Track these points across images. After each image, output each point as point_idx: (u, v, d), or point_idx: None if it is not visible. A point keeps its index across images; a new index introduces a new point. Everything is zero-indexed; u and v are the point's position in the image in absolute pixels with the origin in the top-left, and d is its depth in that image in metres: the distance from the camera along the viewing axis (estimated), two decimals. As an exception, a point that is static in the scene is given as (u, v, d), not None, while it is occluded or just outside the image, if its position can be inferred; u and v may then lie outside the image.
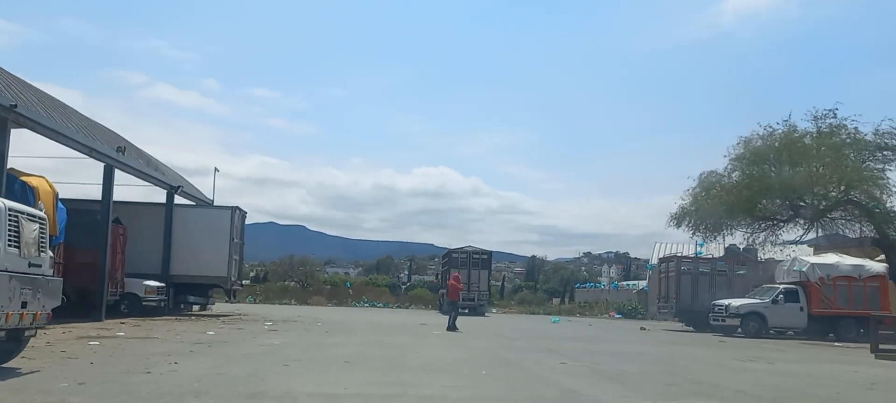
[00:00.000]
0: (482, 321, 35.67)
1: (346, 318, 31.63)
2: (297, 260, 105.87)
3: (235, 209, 29.14)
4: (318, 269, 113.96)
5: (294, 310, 40.19)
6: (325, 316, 32.80)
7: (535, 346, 19.20)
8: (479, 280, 42.51)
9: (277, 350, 14.72)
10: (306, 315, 33.49)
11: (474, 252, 42.93)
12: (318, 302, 55.87)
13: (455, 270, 41.79)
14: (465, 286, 41.74)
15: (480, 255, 42.86)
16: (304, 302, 55.84)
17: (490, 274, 44.66)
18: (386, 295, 63.96)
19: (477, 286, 42.32)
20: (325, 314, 36.57)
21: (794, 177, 31.15)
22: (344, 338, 19.05)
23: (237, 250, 29.48)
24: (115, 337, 16.43)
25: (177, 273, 28.24)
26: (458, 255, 42.81)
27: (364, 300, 57.75)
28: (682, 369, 14.07)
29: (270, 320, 26.87)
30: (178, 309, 29.16)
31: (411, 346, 17.31)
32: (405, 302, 58.72)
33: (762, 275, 32.09)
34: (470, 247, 43.33)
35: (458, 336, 21.76)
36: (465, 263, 42.44)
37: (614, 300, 65.30)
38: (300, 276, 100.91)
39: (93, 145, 21.45)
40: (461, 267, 42.41)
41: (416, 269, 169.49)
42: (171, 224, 28.24)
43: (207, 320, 25.47)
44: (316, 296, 58.33)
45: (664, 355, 17.97)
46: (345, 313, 40.23)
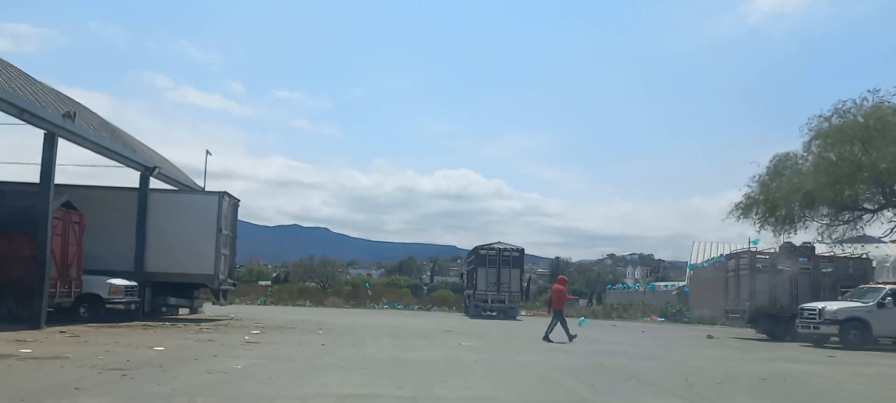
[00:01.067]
0: (516, 326, 30.12)
1: (358, 323, 26.22)
2: (317, 260, 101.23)
3: (224, 195, 23.78)
4: (340, 270, 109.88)
5: (304, 313, 34.85)
6: (335, 320, 27.44)
7: (604, 365, 13.65)
8: (509, 280, 36.89)
9: (230, 382, 9.33)
10: (314, 318, 28.15)
11: (505, 249, 37.31)
12: (335, 303, 50.59)
13: (484, 268, 36.58)
14: (495, 286, 36.21)
15: (511, 253, 37.23)
16: (320, 303, 50.71)
17: (522, 273, 39.01)
18: (407, 296, 58.47)
19: (507, 286, 36.74)
20: (337, 317, 31.21)
21: (890, 158, 25.38)
22: (343, 354, 13.60)
23: (227, 243, 24.14)
24: (9, 358, 11.10)
25: (154, 270, 22.97)
26: (486, 253, 37.22)
27: (383, 301, 52.36)
28: None
29: (261, 326, 21.55)
30: (159, 312, 23.92)
31: (437, 368, 11.85)
32: (427, 304, 53.22)
33: (853, 274, 26.21)
34: (500, 244, 37.72)
35: (495, 349, 16.22)
36: (494, 261, 36.86)
37: (649, 302, 59.53)
38: (321, 277, 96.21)
39: (26, 107, 16.16)
40: (489, 265, 36.86)
41: (439, 270, 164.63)
42: (145, 211, 22.97)
43: (185, 327, 20.11)
44: (333, 297, 53.02)
45: (797, 378, 12.29)
46: (360, 316, 34.86)
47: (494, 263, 36.84)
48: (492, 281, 36.75)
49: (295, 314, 33.50)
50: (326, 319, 28.42)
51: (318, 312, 38.02)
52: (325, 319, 28.18)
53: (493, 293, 36.67)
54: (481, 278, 36.80)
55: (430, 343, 17.24)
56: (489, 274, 36.78)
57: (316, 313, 36.30)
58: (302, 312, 36.79)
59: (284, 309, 40.49)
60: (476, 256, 37.41)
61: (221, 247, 23.47)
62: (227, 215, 24.03)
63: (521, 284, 37.93)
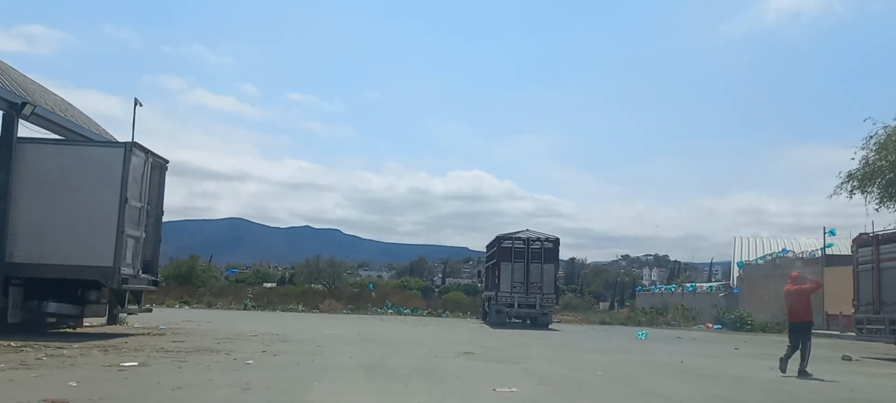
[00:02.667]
0: (555, 338, 21.65)
1: (336, 338, 17.85)
2: (323, 262, 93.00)
3: (133, 147, 15.33)
4: (349, 272, 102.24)
5: (279, 321, 26.54)
6: (309, 332, 19.20)
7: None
8: (541, 278, 28.34)
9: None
10: (278, 330, 19.80)
11: (535, 239, 28.73)
12: (332, 307, 42.18)
13: (508, 263, 28.00)
14: (523, 286, 27.68)
15: (544, 244, 28.65)
16: (315, 307, 42.34)
17: (557, 270, 30.35)
18: (415, 299, 49.97)
19: (538, 286, 28.22)
20: (317, 327, 22.87)
21: None
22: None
23: (140, 221, 15.71)
24: None
25: (23, 260, 14.65)
26: (511, 244, 28.67)
27: (388, 305, 43.92)
28: None
29: (182, 340, 13.27)
30: (41, 323, 15.56)
31: None
32: (438, 309, 44.75)
33: None
34: (529, 233, 29.15)
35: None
36: (522, 254, 28.31)
37: (689, 305, 50.89)
38: (327, 279, 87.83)
39: None
40: (516, 259, 28.33)
41: (451, 272, 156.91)
42: (8, 172, 14.64)
43: (53, 354, 11.69)
44: (330, 301, 44.57)
45: None
46: (352, 324, 26.48)
47: (522, 257, 28.31)
48: (519, 279, 28.23)
49: (266, 322, 25.21)
50: (298, 330, 20.12)
51: (301, 319, 29.66)
52: (293, 330, 19.88)
53: (520, 294, 28.13)
54: (505, 276, 28.30)
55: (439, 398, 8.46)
56: (516, 270, 28.26)
57: (297, 320, 27.95)
58: (278, 319, 28.45)
59: (260, 316, 32.16)
60: (498, 249, 28.88)
61: (128, 226, 15.05)
62: (141, 178, 15.65)
63: (555, 283, 29.32)
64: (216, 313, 33.10)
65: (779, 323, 36.37)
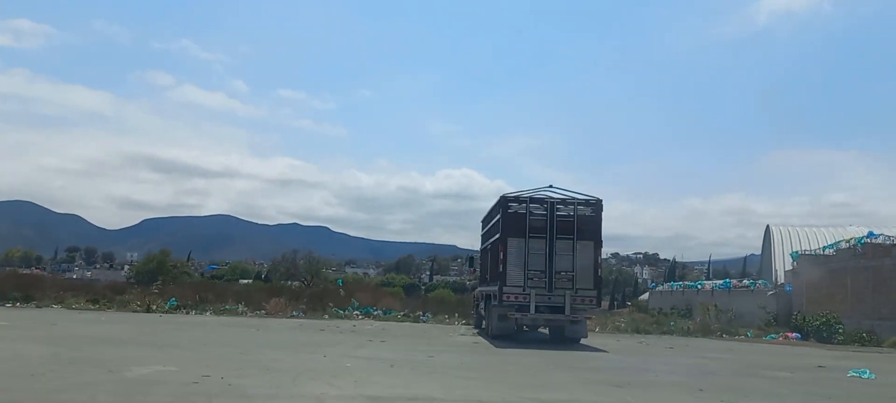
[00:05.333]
0: (611, 365, 10.21)
1: None
2: (301, 256, 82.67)
3: None
4: (335, 268, 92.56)
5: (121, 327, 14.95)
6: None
7: None
8: (573, 263, 16.82)
9: None
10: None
11: (561, 201, 17.21)
12: (278, 307, 30.49)
13: (519, 241, 16.42)
14: (544, 278, 16.19)
15: (577, 208, 17.08)
16: (259, 307, 30.68)
17: (599, 251, 17.88)
18: (390, 298, 38.04)
19: (569, 277, 16.77)
20: (152, 352, 11.33)
21: None
22: None
23: None
24: None
25: None
26: (522, 209, 17.10)
27: (354, 305, 32.28)
28: None
29: None
30: None
31: None
32: (416, 309, 33.04)
33: None
34: (550, 191, 17.54)
35: None
36: (541, 226, 16.80)
37: (724, 305, 39.64)
38: (305, 276, 77.26)
39: None
40: (532, 234, 16.85)
41: (439, 270, 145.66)
42: None
43: None
44: (277, 300, 32.70)
45: None
46: (242, 345, 14.94)
47: (542, 230, 16.81)
48: (537, 266, 16.77)
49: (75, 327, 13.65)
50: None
51: (179, 331, 18.06)
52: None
53: (540, 291, 16.70)
54: (515, 261, 16.78)
55: None
56: (532, 252, 16.82)
57: (165, 327, 16.37)
58: (130, 325, 16.84)
59: (150, 321, 20.49)
60: (503, 218, 17.19)
61: None
62: None
63: (596, 273, 17.47)
64: (66, 317, 21.50)
65: (872, 328, 25.42)
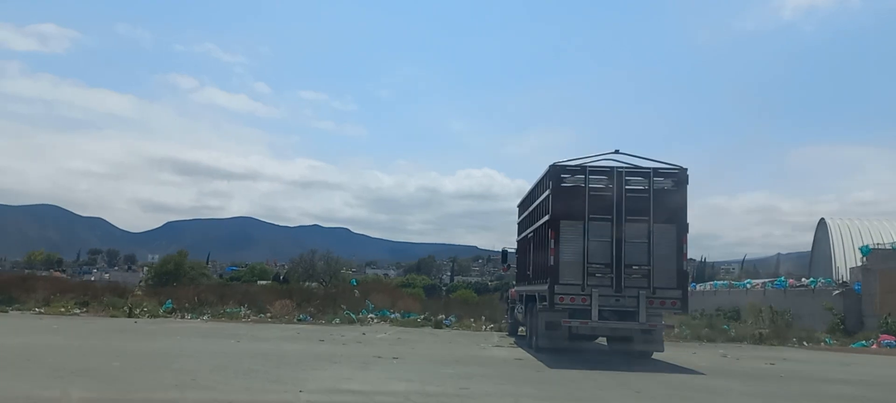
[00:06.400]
0: None
1: None
2: (318, 257, 79.49)
3: None
4: (355, 269, 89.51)
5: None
6: None
7: None
8: (649, 253, 12.49)
9: None
10: None
11: (631, 171, 12.86)
12: (286, 310, 26.48)
13: (575, 225, 12.02)
14: (607, 272, 11.77)
15: (652, 180, 12.71)
16: (263, 310, 26.70)
17: (682, 238, 12.82)
18: (409, 300, 33.62)
19: (644, 273, 12.46)
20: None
21: None
22: None
23: None
24: None
25: None
26: (580, 182, 12.81)
27: (369, 307, 28.13)
28: None
29: None
30: None
31: None
32: (439, 313, 28.68)
33: None
34: (616, 158, 13.13)
35: None
36: (605, 205, 12.52)
37: (779, 304, 34.91)
38: (323, 276, 73.93)
39: None
40: (592, 215, 12.49)
41: (459, 270, 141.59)
42: None
43: None
44: (283, 301, 28.58)
45: None
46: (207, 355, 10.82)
47: (606, 210, 12.50)
48: (599, 258, 12.44)
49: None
50: None
51: (155, 335, 13.98)
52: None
53: (604, 291, 12.38)
54: (570, 251, 12.45)
55: None
56: (593, 240, 12.49)
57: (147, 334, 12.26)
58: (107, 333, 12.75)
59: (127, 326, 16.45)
60: (554, 194, 12.78)
61: None
62: None
63: (680, 265, 12.80)
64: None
65: None
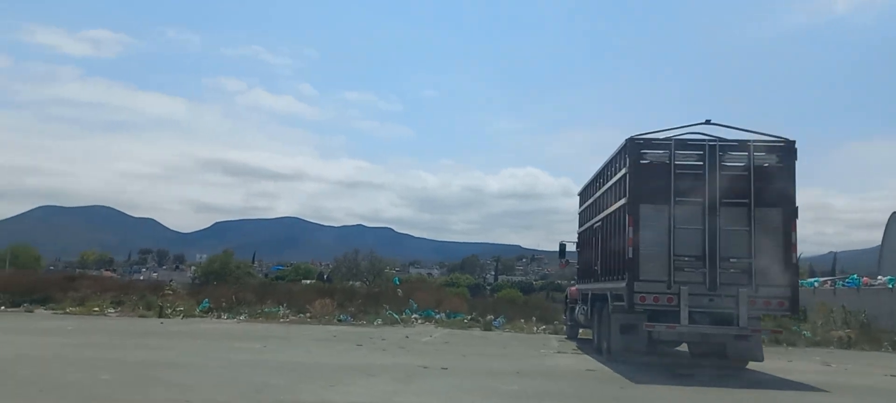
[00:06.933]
0: None
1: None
2: (362, 257, 78.38)
3: None
4: (399, 269, 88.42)
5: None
6: None
7: None
8: (749, 244, 10.24)
9: None
10: None
11: (727, 145, 10.57)
12: (326, 309, 24.72)
13: (659, 209, 9.69)
14: (699, 265, 9.44)
15: (756, 155, 10.42)
16: (302, 309, 25.05)
17: (790, 225, 10.37)
18: (455, 300, 31.56)
19: (745, 267, 10.20)
20: None
21: None
22: None
23: None
24: None
25: None
26: (659, 155, 10.61)
27: (411, 308, 26.23)
28: None
29: None
30: None
31: None
32: (487, 312, 26.48)
33: None
34: (706, 129, 10.87)
35: None
36: (695, 185, 10.33)
37: (853, 304, 31.74)
38: (366, 275, 72.81)
39: None
40: (679, 197, 10.25)
41: (503, 269, 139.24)
42: None
43: None
44: (322, 301, 26.83)
45: None
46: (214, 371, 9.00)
47: (698, 191, 10.28)
48: (690, 251, 10.22)
49: None
50: None
51: (178, 337, 12.29)
52: None
53: (696, 290, 10.13)
54: (652, 243, 10.27)
55: None
56: (681, 228, 10.28)
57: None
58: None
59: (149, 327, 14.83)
60: (634, 174, 10.60)
61: None
62: None
63: (789, 259, 10.35)
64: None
65: None
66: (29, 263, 59.30)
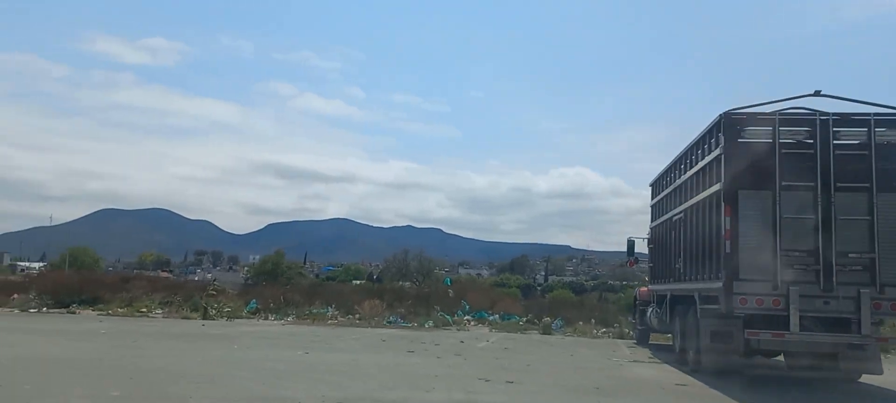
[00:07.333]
0: None
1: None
2: (412, 257, 77.78)
3: None
4: (448, 269, 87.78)
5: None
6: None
7: None
8: (871, 236, 8.61)
9: None
10: None
11: (841, 119, 8.95)
12: (376, 310, 23.64)
13: (762, 193, 7.99)
14: (812, 263, 7.77)
15: (877, 131, 8.77)
16: (350, 311, 24.08)
17: None
18: (508, 301, 30.19)
19: (865, 263, 8.56)
20: None
21: None
22: None
23: None
24: None
25: None
26: (761, 132, 9.02)
27: (463, 309, 24.96)
28: None
29: None
30: None
31: None
32: (542, 313, 24.97)
33: None
34: (812, 99, 9.25)
35: None
36: (802, 167, 8.74)
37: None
38: (416, 275, 72.25)
39: None
40: (786, 181, 8.66)
41: (553, 269, 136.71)
42: None
43: None
44: (371, 302, 25.76)
45: None
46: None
47: (806, 175, 8.71)
48: (800, 245, 8.62)
49: None
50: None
51: (212, 341, 11.25)
52: None
53: (808, 291, 8.53)
54: (753, 236, 8.71)
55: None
56: (787, 218, 8.68)
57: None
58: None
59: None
60: (729, 154, 8.93)
61: None
62: None
63: None
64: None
65: None
66: (88, 265, 60.27)
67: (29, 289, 24.30)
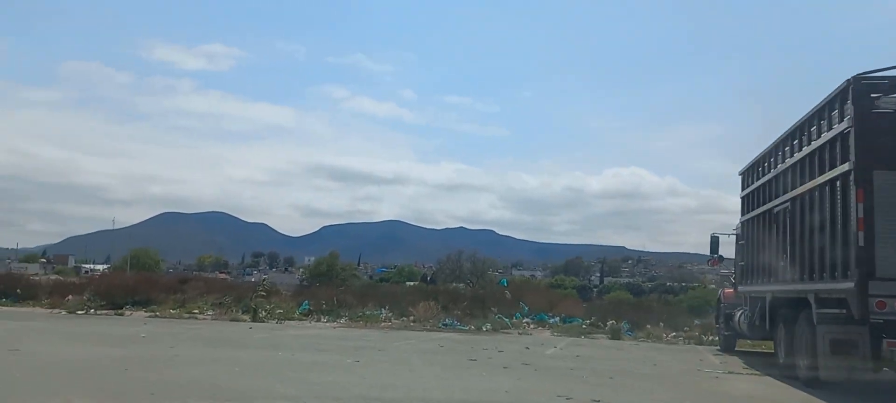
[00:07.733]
0: None
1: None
2: (466, 257, 77.03)
3: None
4: (501, 271, 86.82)
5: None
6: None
7: None
8: None
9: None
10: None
11: None
12: (430, 313, 22.45)
13: (889, 172, 5.69)
14: None
15: None
16: (404, 312, 22.97)
17: None
18: (568, 302, 28.48)
19: None
20: None
21: None
22: None
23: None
24: None
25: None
26: (892, 96, 7.37)
27: (522, 311, 23.53)
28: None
29: None
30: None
31: None
32: (605, 317, 23.27)
33: None
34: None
35: None
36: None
37: None
38: (469, 277, 71.39)
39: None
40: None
41: (609, 271, 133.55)
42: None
43: None
44: (425, 303, 24.54)
45: None
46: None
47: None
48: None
49: None
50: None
51: (261, 348, 10.14)
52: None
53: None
54: (891, 226, 7.10)
55: None
56: None
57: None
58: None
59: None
60: (861, 128, 7.30)
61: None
62: None
63: None
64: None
65: None
66: (150, 267, 61.21)
67: (84, 290, 24.04)
